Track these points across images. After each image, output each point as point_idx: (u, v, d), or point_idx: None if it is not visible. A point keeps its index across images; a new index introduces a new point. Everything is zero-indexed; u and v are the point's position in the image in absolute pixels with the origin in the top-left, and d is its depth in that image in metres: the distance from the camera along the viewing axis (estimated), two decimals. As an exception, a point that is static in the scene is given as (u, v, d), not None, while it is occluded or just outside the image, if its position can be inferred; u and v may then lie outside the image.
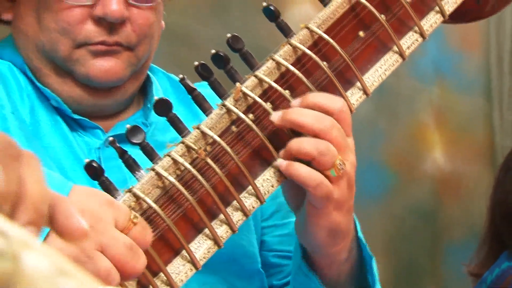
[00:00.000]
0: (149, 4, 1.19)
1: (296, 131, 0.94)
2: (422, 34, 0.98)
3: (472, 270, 2.25)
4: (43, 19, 1.16)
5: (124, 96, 1.23)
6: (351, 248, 1.06)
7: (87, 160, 0.90)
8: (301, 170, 0.93)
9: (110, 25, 1.15)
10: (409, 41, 0.99)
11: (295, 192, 0.99)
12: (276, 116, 0.93)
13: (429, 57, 2.84)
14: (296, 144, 0.93)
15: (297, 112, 0.93)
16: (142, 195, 0.88)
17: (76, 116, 1.20)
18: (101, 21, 1.15)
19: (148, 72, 1.28)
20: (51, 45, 1.17)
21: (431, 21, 0.99)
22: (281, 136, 0.94)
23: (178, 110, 0.95)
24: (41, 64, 1.19)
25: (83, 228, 0.64)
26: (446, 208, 2.91)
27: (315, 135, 0.92)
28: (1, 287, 0.23)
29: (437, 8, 0.99)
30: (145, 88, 1.28)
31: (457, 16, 1.00)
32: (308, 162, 0.93)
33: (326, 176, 0.93)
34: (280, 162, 0.93)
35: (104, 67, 1.17)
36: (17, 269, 0.23)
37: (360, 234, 1.09)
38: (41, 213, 0.55)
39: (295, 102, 0.94)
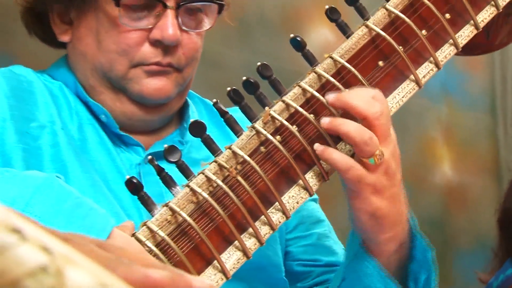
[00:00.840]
0: (198, 30, 1.21)
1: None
2: (437, 65, 0.99)
3: (483, 278, 2.24)
4: (103, 40, 1.18)
5: (169, 113, 1.25)
6: (403, 241, 1.05)
7: (128, 177, 0.91)
8: (334, 155, 0.93)
9: (164, 47, 1.17)
10: (425, 71, 0.99)
11: None
12: (331, 96, 0.94)
13: (438, 77, 2.81)
14: (345, 126, 0.93)
15: (352, 95, 0.94)
16: (177, 209, 0.88)
17: (120, 133, 1.21)
18: (157, 44, 1.17)
19: (186, 97, 1.30)
20: (108, 64, 1.18)
21: (445, 52, 0.99)
22: (306, 156, 0.94)
23: (211, 131, 0.96)
24: (97, 82, 1.21)
25: None
26: (454, 218, 2.90)
27: (364, 118, 0.93)
28: None
29: (451, 41, 0.99)
30: (182, 109, 1.30)
31: (469, 49, 1.00)
32: None
33: (364, 163, 0.94)
34: (317, 146, 0.94)
35: (156, 85, 1.18)
36: (61, 284, 0.22)
37: (416, 231, 1.08)
38: None
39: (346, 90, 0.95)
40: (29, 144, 1.11)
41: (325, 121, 0.94)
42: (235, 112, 0.97)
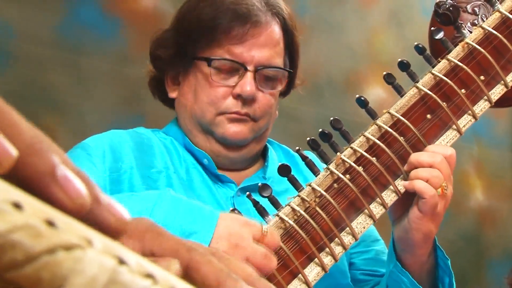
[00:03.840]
0: (271, 90, 1.21)
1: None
2: (474, 116, 0.96)
3: (510, 281, 2.18)
4: (198, 94, 1.20)
5: (248, 154, 1.25)
6: (430, 252, 1.05)
7: (231, 209, 0.91)
8: (421, 184, 0.93)
9: (243, 101, 1.18)
10: (465, 122, 0.97)
11: (398, 208, 1.00)
12: (405, 166, 0.95)
13: (470, 123, 2.81)
14: (415, 171, 0.94)
15: (418, 154, 0.94)
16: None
17: (218, 173, 1.22)
18: (238, 97, 1.18)
19: (267, 143, 1.31)
20: (201, 112, 1.20)
21: (481, 106, 0.97)
22: (370, 191, 0.93)
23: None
24: (193, 127, 1.22)
25: None
26: (486, 234, 2.84)
27: (430, 166, 0.93)
28: None
29: (485, 97, 0.97)
30: (264, 153, 1.30)
31: (500, 103, 0.97)
32: None
33: None
34: (404, 182, 0.94)
35: (235, 130, 1.19)
36: None
37: (436, 244, 1.08)
38: None
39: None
40: (150, 185, 1.13)
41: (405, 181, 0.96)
42: (310, 155, 0.98)
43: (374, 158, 0.94)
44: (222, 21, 1.17)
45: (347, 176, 0.93)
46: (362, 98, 0.97)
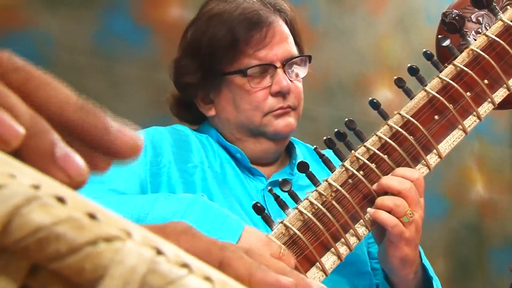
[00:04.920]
0: (299, 79, 1.21)
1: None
2: (479, 117, 0.95)
3: None
4: (239, 104, 1.18)
5: (286, 143, 1.25)
6: (417, 271, 1.02)
7: (254, 202, 0.91)
8: (384, 215, 0.91)
9: (282, 95, 1.17)
10: (470, 122, 0.96)
11: (378, 233, 0.98)
12: (375, 185, 0.92)
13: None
14: (380, 200, 0.91)
15: (388, 179, 0.92)
16: (289, 225, 0.88)
17: (251, 166, 1.21)
18: (277, 95, 1.17)
19: (292, 141, 1.30)
20: (247, 119, 1.18)
21: (485, 108, 0.96)
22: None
23: (312, 165, 0.96)
24: (242, 135, 1.21)
25: None
26: (487, 224, 2.81)
27: (397, 192, 0.91)
28: None
29: (489, 100, 0.95)
30: (290, 151, 1.29)
31: (503, 105, 0.96)
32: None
33: (401, 221, 0.92)
34: (369, 210, 0.91)
35: (285, 123, 1.18)
36: None
37: (425, 261, 1.06)
38: None
39: (388, 175, 0.93)
40: (187, 179, 1.13)
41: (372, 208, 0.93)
42: (327, 153, 0.97)
43: (385, 156, 0.93)
44: (240, 34, 1.16)
45: (361, 172, 0.92)
46: (375, 101, 0.96)
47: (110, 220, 0.21)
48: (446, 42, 0.97)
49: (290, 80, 1.18)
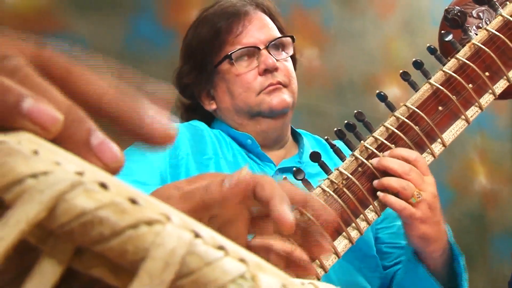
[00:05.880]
0: (285, 57, 1.20)
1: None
2: (480, 108, 0.94)
3: None
4: (232, 90, 1.18)
5: (289, 120, 1.23)
6: (444, 248, 0.99)
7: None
8: (392, 199, 0.89)
9: (270, 73, 1.16)
10: (472, 112, 0.94)
11: None
12: (375, 161, 0.90)
13: (475, 117, 2.75)
14: (387, 181, 0.89)
15: (389, 160, 0.90)
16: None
17: (260, 151, 1.20)
18: (265, 72, 1.16)
19: (300, 132, 1.29)
20: (243, 102, 1.18)
21: (486, 99, 0.94)
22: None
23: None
24: (242, 119, 1.20)
25: None
26: (489, 214, 2.78)
27: (399, 175, 0.89)
28: None
29: (490, 91, 0.94)
30: (298, 141, 1.28)
31: (503, 96, 0.94)
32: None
33: (410, 203, 0.90)
34: (379, 193, 0.89)
35: (278, 99, 1.16)
36: (256, 286, 0.21)
37: (452, 239, 1.02)
38: None
39: (386, 153, 0.91)
40: (203, 170, 1.13)
41: (375, 181, 0.90)
42: (338, 143, 0.96)
43: (393, 145, 0.92)
44: (220, 24, 1.18)
45: (370, 161, 0.91)
46: (382, 93, 0.95)
47: (151, 205, 0.21)
48: (449, 37, 0.96)
49: (277, 60, 1.17)
